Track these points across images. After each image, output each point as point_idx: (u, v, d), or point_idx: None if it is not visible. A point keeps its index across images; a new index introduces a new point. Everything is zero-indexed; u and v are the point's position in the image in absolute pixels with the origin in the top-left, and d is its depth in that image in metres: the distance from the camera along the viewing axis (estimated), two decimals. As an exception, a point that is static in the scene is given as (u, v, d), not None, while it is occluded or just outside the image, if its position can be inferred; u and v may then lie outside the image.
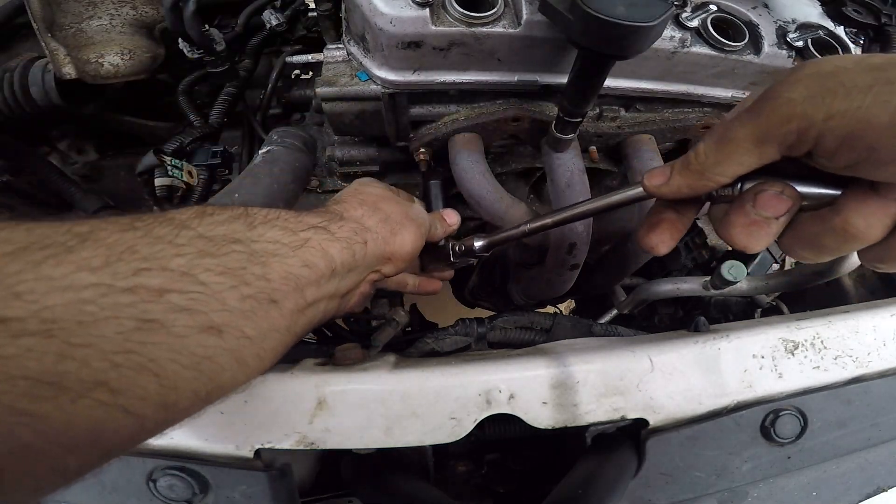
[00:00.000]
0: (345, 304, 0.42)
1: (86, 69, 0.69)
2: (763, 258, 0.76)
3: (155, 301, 0.25)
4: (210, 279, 0.28)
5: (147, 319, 0.25)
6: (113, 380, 0.23)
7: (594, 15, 0.37)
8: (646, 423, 0.44)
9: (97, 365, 0.23)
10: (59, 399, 0.21)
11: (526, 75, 0.52)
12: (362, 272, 0.41)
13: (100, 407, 0.23)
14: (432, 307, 0.93)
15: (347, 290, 0.40)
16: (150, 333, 0.25)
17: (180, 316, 0.26)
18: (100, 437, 0.23)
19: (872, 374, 0.49)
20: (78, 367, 0.22)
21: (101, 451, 0.24)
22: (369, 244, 0.40)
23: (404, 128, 0.59)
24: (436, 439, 0.42)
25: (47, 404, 0.21)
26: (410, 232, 0.44)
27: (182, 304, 0.26)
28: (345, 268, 0.37)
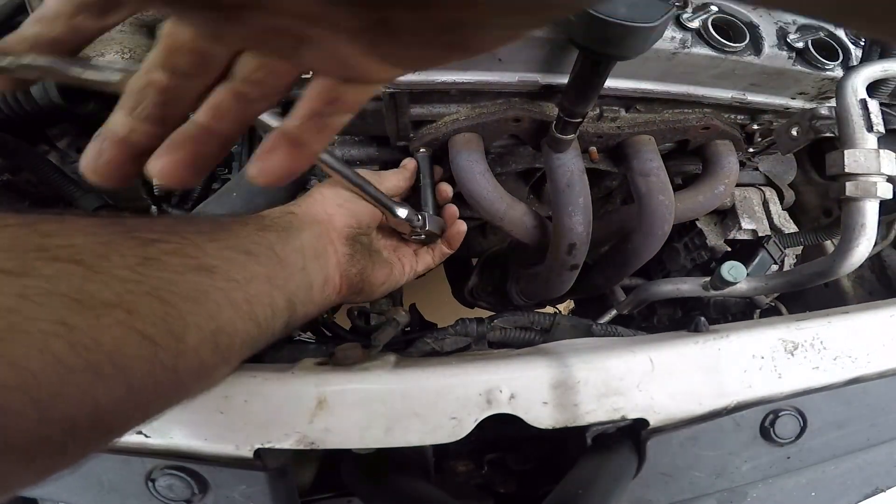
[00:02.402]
0: (323, 264, 0.44)
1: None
2: (762, 259, 0.76)
3: (150, 245, 0.29)
4: (189, 235, 0.32)
5: (147, 257, 0.28)
6: (127, 301, 0.26)
7: (595, 15, 0.37)
8: (646, 424, 0.44)
9: (115, 288, 0.25)
10: (86, 314, 0.24)
11: (526, 75, 0.52)
12: (308, 232, 0.44)
13: (119, 326, 0.25)
14: (432, 307, 0.92)
15: (312, 247, 0.43)
16: (151, 268, 0.28)
17: (172, 257, 0.30)
18: (123, 362, 0.25)
19: (871, 374, 0.49)
20: (99, 288, 0.25)
21: (125, 379, 0.25)
22: (296, 212, 0.45)
23: (405, 128, 0.59)
24: (436, 439, 0.42)
25: (77, 317, 0.23)
26: (325, 186, 0.48)
27: (171, 249, 0.30)
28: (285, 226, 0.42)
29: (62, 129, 0.89)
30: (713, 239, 0.77)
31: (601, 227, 0.67)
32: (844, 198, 0.53)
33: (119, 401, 0.25)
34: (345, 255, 0.46)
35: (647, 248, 0.61)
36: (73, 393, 0.23)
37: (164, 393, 0.28)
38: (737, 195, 0.76)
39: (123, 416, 0.26)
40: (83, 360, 0.23)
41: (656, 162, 0.59)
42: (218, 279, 0.32)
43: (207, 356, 0.30)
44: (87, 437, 0.25)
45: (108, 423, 0.25)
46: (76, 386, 0.23)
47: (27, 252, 0.24)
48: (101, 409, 0.24)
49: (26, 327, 0.22)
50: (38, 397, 0.22)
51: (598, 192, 0.81)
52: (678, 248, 0.84)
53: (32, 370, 0.22)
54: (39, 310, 0.22)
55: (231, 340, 0.32)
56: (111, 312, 0.25)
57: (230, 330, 0.32)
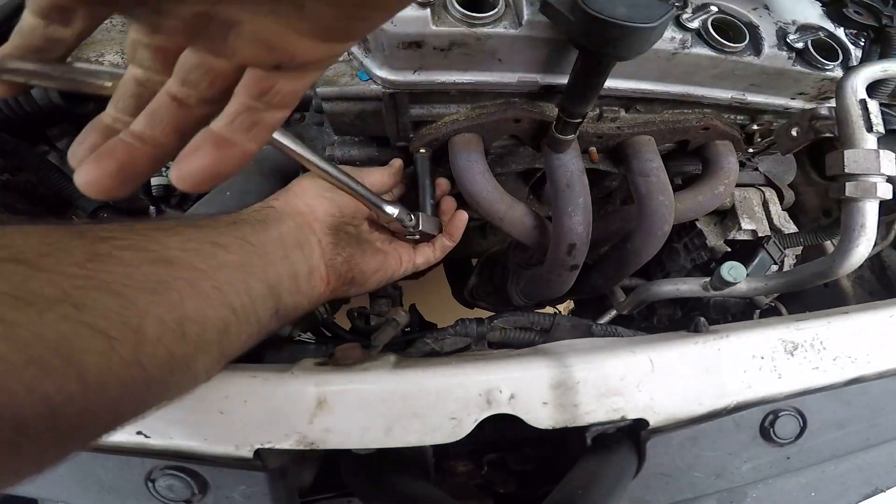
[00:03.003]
0: (307, 254, 0.44)
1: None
2: (762, 259, 0.76)
3: (101, 242, 0.28)
4: (147, 232, 0.31)
5: (97, 253, 0.27)
6: (75, 296, 0.25)
7: (595, 16, 0.37)
8: (646, 424, 0.44)
9: (60, 284, 0.24)
10: (27, 310, 0.23)
11: (526, 76, 0.52)
12: (288, 223, 0.43)
13: (65, 321, 0.24)
14: (431, 307, 0.92)
15: (293, 237, 0.42)
16: (102, 263, 0.27)
17: (126, 252, 0.29)
18: (71, 354, 0.24)
19: (871, 374, 0.49)
20: (42, 285, 0.24)
21: (77, 372, 0.24)
22: (275, 205, 0.44)
23: (404, 128, 0.59)
24: (436, 439, 0.42)
25: (17, 313, 0.23)
26: (305, 178, 0.48)
27: (125, 244, 0.29)
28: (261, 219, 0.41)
29: (62, 130, 0.89)
30: (713, 239, 0.77)
31: (601, 227, 0.67)
32: (844, 198, 0.53)
33: (75, 397, 0.24)
34: (329, 245, 0.45)
35: (646, 249, 0.61)
36: (16, 389, 0.22)
37: (133, 388, 0.27)
38: (737, 195, 0.76)
39: (87, 414, 0.25)
40: (25, 355, 0.22)
41: (656, 162, 0.59)
42: (178, 269, 0.31)
43: (175, 346, 0.29)
44: (43, 435, 0.24)
45: (69, 421, 0.24)
46: (19, 382, 0.22)
47: None
48: (53, 405, 0.23)
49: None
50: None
51: (598, 193, 0.81)
52: (678, 248, 0.84)
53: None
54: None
55: (201, 328, 0.31)
56: (55, 307, 0.24)
57: (198, 318, 0.31)
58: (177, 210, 0.72)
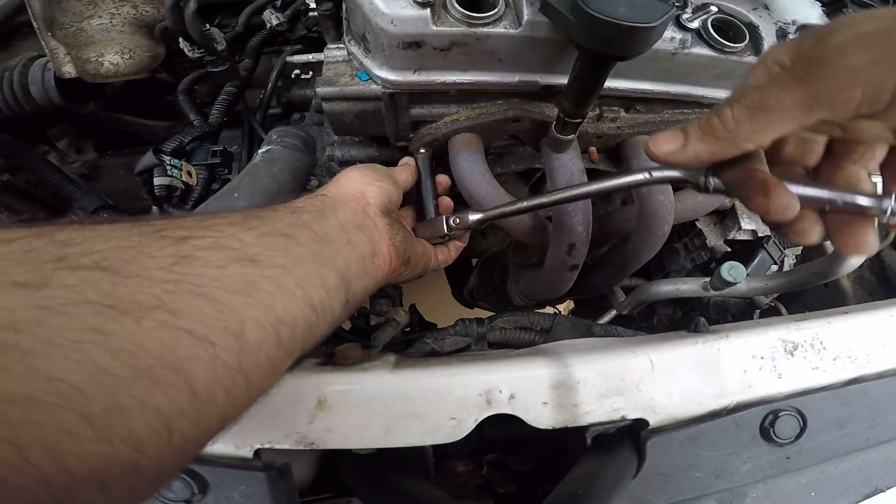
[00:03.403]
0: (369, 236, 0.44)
1: (86, 68, 0.69)
2: (762, 259, 0.77)
3: (183, 242, 0.27)
4: (222, 227, 0.30)
5: (182, 255, 0.26)
6: (168, 302, 0.23)
7: (595, 16, 0.37)
8: (646, 424, 0.44)
9: (150, 290, 0.23)
10: (122, 319, 0.22)
11: (526, 76, 0.52)
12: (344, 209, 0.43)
13: (163, 328, 0.23)
14: (431, 307, 0.93)
15: (352, 222, 0.42)
16: (189, 266, 0.26)
17: (210, 252, 0.27)
18: (177, 364, 0.23)
19: (871, 374, 0.49)
20: (132, 292, 0.23)
21: (186, 382, 0.23)
22: (327, 194, 0.44)
23: (404, 128, 0.59)
24: (436, 439, 0.42)
25: (113, 323, 0.21)
26: (351, 169, 0.48)
27: (207, 244, 0.28)
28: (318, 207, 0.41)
29: (62, 129, 0.89)
30: (713, 239, 0.77)
31: (601, 227, 0.67)
32: (844, 198, 0.53)
33: (186, 409, 0.23)
34: (386, 226, 0.46)
35: (646, 249, 0.61)
36: (129, 404, 0.21)
37: (237, 397, 0.26)
38: (737, 195, 0.76)
39: (197, 428, 0.24)
40: (131, 367, 0.21)
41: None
42: (263, 267, 0.29)
43: (273, 351, 0.28)
44: (160, 453, 0.22)
45: (182, 435, 0.23)
46: (130, 396, 0.21)
47: (44, 263, 0.21)
48: (167, 419, 0.22)
49: (55, 339, 0.20)
50: (89, 412, 0.20)
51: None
52: (678, 248, 0.84)
53: (74, 383, 0.19)
54: (67, 320, 0.20)
55: (292, 331, 0.30)
56: (151, 314, 0.23)
57: (289, 319, 0.30)
58: (178, 209, 0.72)
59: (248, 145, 0.81)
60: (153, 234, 0.26)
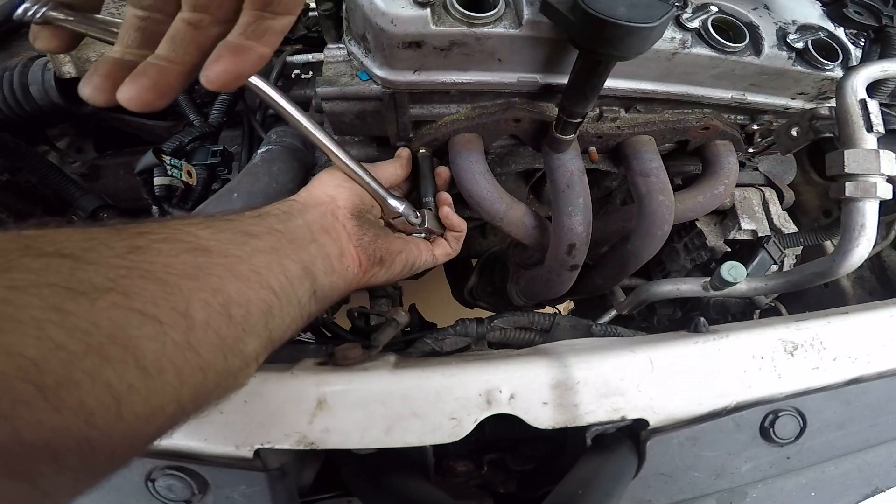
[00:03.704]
0: (335, 237, 0.45)
1: (86, 68, 0.69)
2: (762, 259, 0.76)
3: (139, 236, 0.29)
4: (179, 226, 0.32)
5: (136, 246, 0.28)
6: (122, 286, 0.25)
7: (595, 16, 0.37)
8: (646, 424, 0.44)
9: (106, 274, 0.25)
10: (80, 300, 0.24)
11: (526, 76, 0.52)
12: (312, 212, 0.45)
13: (116, 308, 0.25)
14: (431, 307, 0.93)
15: (318, 223, 0.44)
16: (142, 254, 0.28)
17: (164, 244, 0.30)
18: (126, 341, 0.24)
19: (871, 374, 0.49)
20: (89, 276, 0.25)
21: (134, 358, 0.25)
22: (296, 199, 0.46)
23: (404, 128, 0.59)
24: (436, 439, 0.42)
25: (71, 302, 0.23)
26: (323, 172, 0.50)
27: (162, 237, 0.30)
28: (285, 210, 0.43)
29: (62, 129, 0.89)
30: (713, 239, 0.77)
31: (601, 227, 0.67)
32: (844, 198, 0.53)
33: (135, 384, 0.24)
34: (354, 228, 0.47)
35: (646, 249, 0.61)
36: (80, 378, 0.22)
37: (190, 374, 0.27)
38: (737, 195, 0.76)
39: (149, 404, 0.25)
40: (83, 343, 0.23)
41: (656, 162, 0.59)
42: (216, 256, 0.32)
43: (223, 329, 0.30)
44: (110, 427, 0.24)
45: (132, 410, 0.24)
46: (82, 371, 0.22)
47: (12, 251, 0.24)
48: (116, 393, 0.23)
49: (18, 316, 0.21)
50: (42, 384, 0.21)
51: (598, 193, 0.81)
52: (678, 248, 0.84)
53: (31, 357, 0.21)
54: (30, 299, 0.22)
55: (246, 310, 0.32)
56: (105, 296, 0.24)
57: (241, 300, 0.32)
58: (178, 209, 0.72)
59: (248, 145, 0.81)
60: (112, 230, 0.29)
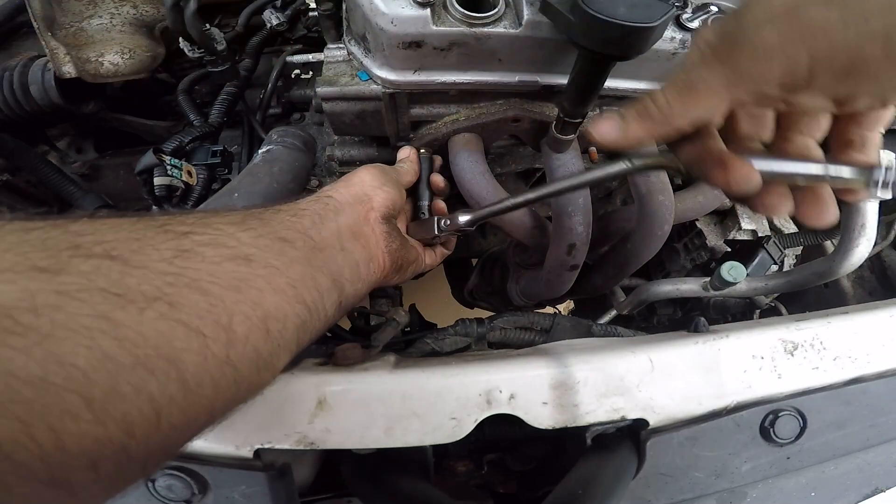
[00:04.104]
0: (364, 243, 0.45)
1: (85, 68, 0.69)
2: (762, 259, 0.77)
3: (184, 237, 0.29)
4: (221, 226, 0.32)
5: (182, 249, 0.28)
6: (168, 295, 0.25)
7: (595, 16, 0.37)
8: (646, 424, 0.44)
9: (153, 281, 0.25)
10: (129, 308, 0.23)
11: (526, 76, 0.52)
12: (347, 213, 0.45)
13: (162, 319, 0.25)
14: (431, 307, 0.93)
15: (349, 228, 0.44)
16: (188, 260, 0.28)
17: (208, 249, 0.29)
18: (172, 354, 0.24)
19: (871, 374, 0.49)
20: (137, 282, 0.24)
21: (178, 371, 0.25)
22: (333, 195, 0.46)
23: (404, 128, 0.59)
24: (436, 439, 0.42)
25: (120, 312, 0.23)
26: (363, 170, 0.50)
27: (206, 240, 0.30)
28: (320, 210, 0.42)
29: (62, 129, 0.89)
30: (713, 239, 0.77)
31: (601, 227, 0.67)
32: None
33: (175, 397, 0.24)
34: (384, 234, 0.47)
35: (646, 249, 0.61)
36: (126, 390, 0.22)
37: (225, 387, 0.28)
38: (737, 195, 0.76)
39: (185, 415, 0.25)
40: (132, 355, 0.23)
41: (656, 162, 0.59)
42: (257, 267, 0.31)
43: (260, 344, 0.30)
44: (149, 437, 0.24)
45: (171, 422, 0.24)
46: (128, 383, 0.22)
47: (61, 251, 0.23)
48: (157, 406, 0.24)
49: (70, 324, 0.21)
50: (90, 396, 0.21)
51: (598, 193, 0.81)
52: (678, 248, 0.84)
53: (82, 368, 0.21)
54: (81, 306, 0.22)
55: (283, 325, 0.32)
56: (153, 306, 0.24)
57: (279, 315, 0.32)
58: (178, 209, 0.72)
59: (248, 145, 0.81)
60: (157, 227, 0.28)
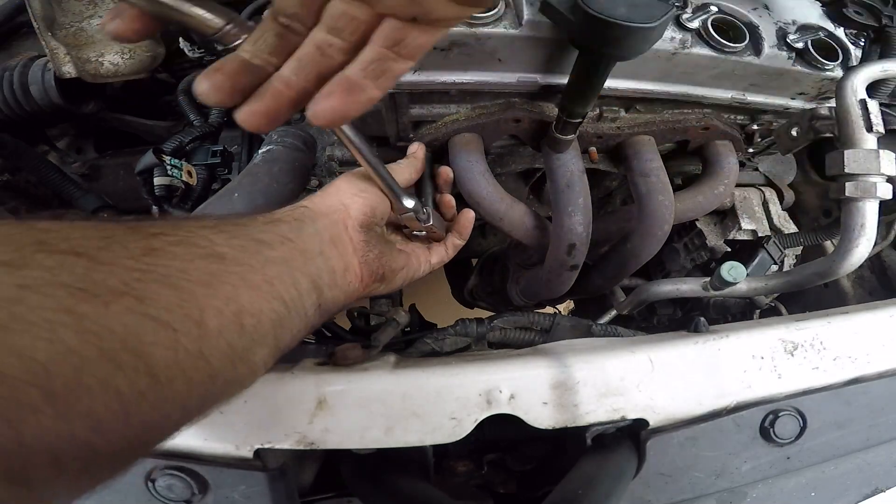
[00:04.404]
0: (342, 251, 0.44)
1: (85, 68, 0.69)
2: (762, 259, 0.76)
3: (154, 237, 0.28)
4: (194, 228, 0.32)
5: (151, 248, 0.27)
6: (136, 289, 0.25)
7: (595, 16, 0.37)
8: (646, 424, 0.44)
9: (121, 276, 0.25)
10: (94, 302, 0.23)
11: (526, 76, 0.52)
12: (323, 221, 0.44)
13: (130, 313, 0.24)
14: (431, 307, 0.93)
15: (328, 234, 0.43)
16: (157, 257, 0.27)
17: (178, 247, 0.29)
18: (139, 348, 0.24)
19: (871, 374, 0.49)
20: (104, 277, 0.24)
21: (146, 366, 0.24)
22: (308, 205, 0.45)
23: (404, 128, 0.59)
24: (436, 439, 0.42)
25: (85, 305, 0.23)
26: (341, 178, 0.49)
27: (177, 240, 0.29)
28: (297, 217, 0.42)
29: (62, 129, 0.89)
30: (713, 239, 0.77)
31: (601, 227, 0.67)
32: (844, 198, 0.53)
33: (146, 392, 0.24)
34: (361, 242, 0.46)
35: (646, 249, 0.61)
36: (91, 384, 0.22)
37: (198, 383, 0.27)
38: (737, 195, 0.76)
39: (157, 411, 0.25)
40: (96, 348, 0.22)
41: (656, 162, 0.59)
42: (230, 264, 0.31)
43: (234, 338, 0.30)
44: (118, 434, 0.23)
45: (141, 418, 0.24)
46: (93, 376, 0.22)
47: (25, 246, 0.23)
48: (126, 401, 0.23)
49: (30, 317, 0.21)
50: (51, 390, 0.21)
51: (598, 193, 0.81)
52: (678, 248, 0.84)
53: (41, 361, 0.20)
54: (43, 299, 0.21)
55: (257, 320, 0.32)
56: (119, 300, 0.24)
57: (253, 310, 0.31)
58: (178, 209, 0.72)
59: (248, 145, 0.81)
60: (126, 228, 0.28)
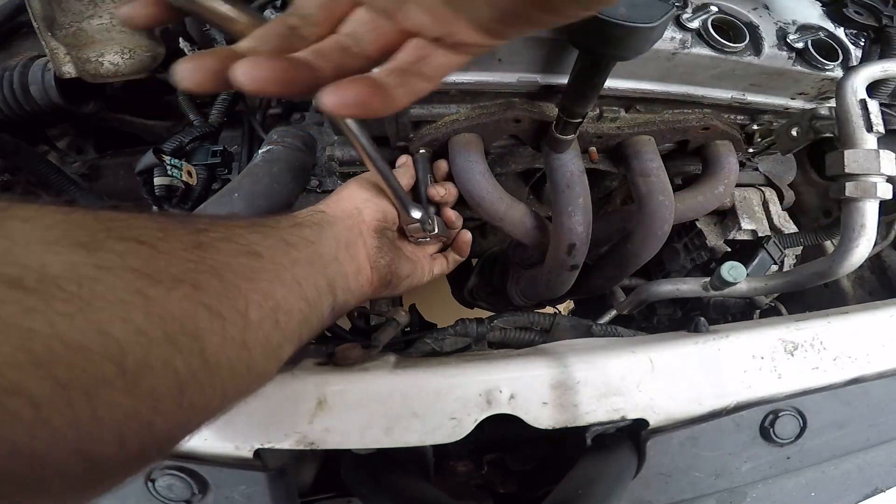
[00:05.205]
0: (354, 255, 0.46)
1: (86, 68, 0.69)
2: (762, 259, 0.76)
3: (201, 233, 0.30)
4: (232, 227, 0.34)
5: (200, 242, 0.30)
6: (191, 278, 0.27)
7: (595, 16, 0.37)
8: (646, 424, 0.44)
9: (179, 265, 0.27)
10: (158, 287, 0.25)
11: (526, 76, 0.52)
12: (340, 226, 0.46)
13: (187, 300, 0.26)
14: (431, 307, 0.92)
15: (344, 238, 0.45)
16: (206, 251, 0.29)
17: (223, 243, 0.31)
18: (196, 333, 0.26)
19: (871, 375, 0.49)
20: (165, 265, 0.26)
21: (200, 351, 0.26)
22: (325, 210, 0.47)
23: (404, 128, 0.59)
24: (436, 439, 0.42)
25: (152, 289, 0.24)
26: (352, 183, 0.51)
27: (220, 236, 0.32)
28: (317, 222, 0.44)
29: (62, 129, 0.89)
30: (713, 239, 0.77)
31: (601, 227, 0.67)
32: (844, 198, 0.53)
33: (197, 374, 0.25)
34: (373, 248, 0.48)
35: (646, 249, 0.61)
36: (155, 364, 0.23)
37: (239, 371, 0.29)
38: (737, 195, 0.76)
39: (204, 394, 0.26)
40: (161, 330, 0.24)
41: (656, 162, 0.59)
42: (266, 262, 0.33)
43: (271, 332, 0.32)
44: (172, 414, 0.25)
45: (191, 398, 0.25)
46: (158, 357, 0.23)
47: (97, 232, 0.24)
48: (181, 381, 0.25)
49: (109, 296, 0.22)
50: (125, 366, 0.22)
51: (598, 193, 0.81)
52: (678, 248, 0.84)
53: (117, 338, 0.22)
54: (116, 280, 0.23)
55: (289, 318, 0.34)
56: (179, 287, 0.26)
57: (286, 307, 0.34)
58: (178, 209, 0.71)
59: (248, 145, 0.81)
60: (178, 223, 0.30)
